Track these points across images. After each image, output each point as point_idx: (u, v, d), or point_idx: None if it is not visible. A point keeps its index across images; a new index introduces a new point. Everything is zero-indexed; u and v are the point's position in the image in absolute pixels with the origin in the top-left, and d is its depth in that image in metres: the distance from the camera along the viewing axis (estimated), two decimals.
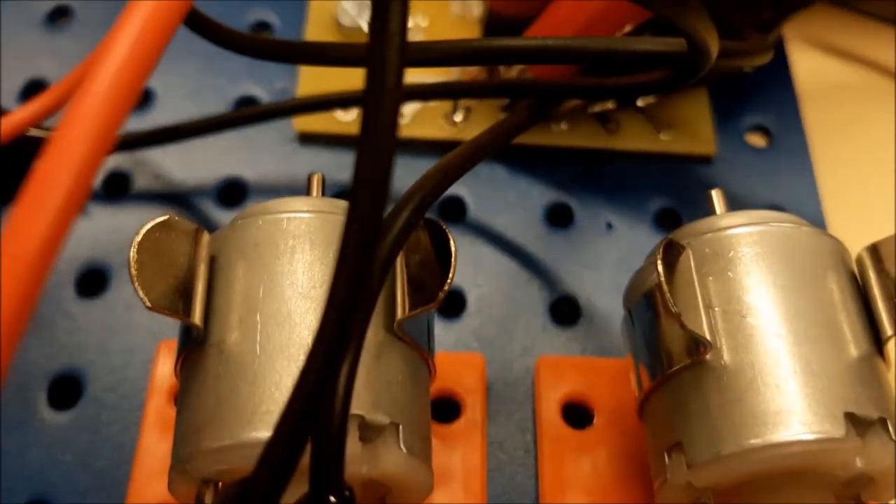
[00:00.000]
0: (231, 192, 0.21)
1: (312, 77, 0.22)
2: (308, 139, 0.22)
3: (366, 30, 0.22)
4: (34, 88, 0.22)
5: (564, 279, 0.20)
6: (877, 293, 0.15)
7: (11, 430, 0.17)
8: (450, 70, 0.22)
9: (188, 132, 0.20)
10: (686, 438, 0.14)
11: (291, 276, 0.14)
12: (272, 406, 0.13)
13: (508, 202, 0.21)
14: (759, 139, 0.23)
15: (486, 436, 0.18)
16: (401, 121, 0.22)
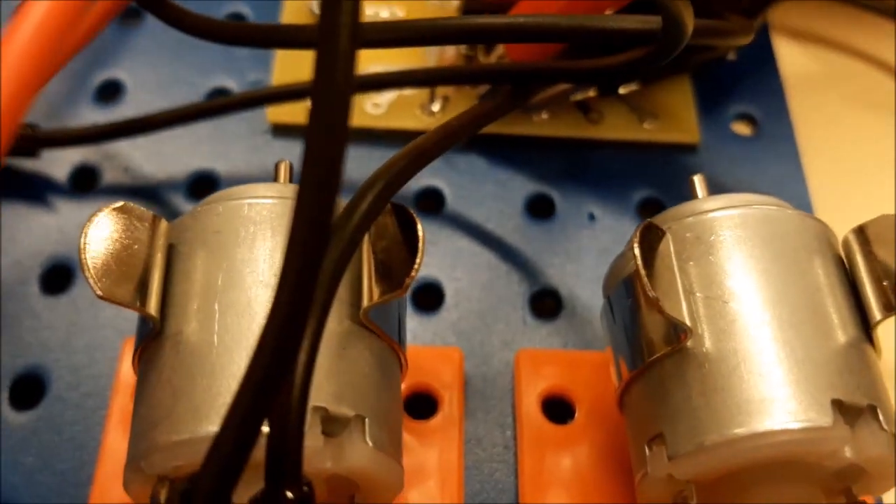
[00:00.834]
0: (202, 186, 0.21)
1: (287, 67, 0.22)
2: (282, 130, 0.21)
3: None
4: None
5: (545, 271, 0.20)
6: (864, 276, 0.14)
7: None
8: (426, 58, 0.21)
9: (158, 124, 0.20)
10: (667, 429, 0.13)
11: (252, 264, 0.13)
12: (230, 399, 0.12)
13: (487, 193, 0.21)
14: (745, 128, 0.23)
15: (465, 432, 0.17)
16: (376, 111, 0.21)
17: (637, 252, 0.13)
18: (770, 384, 0.13)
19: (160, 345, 0.13)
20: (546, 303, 0.19)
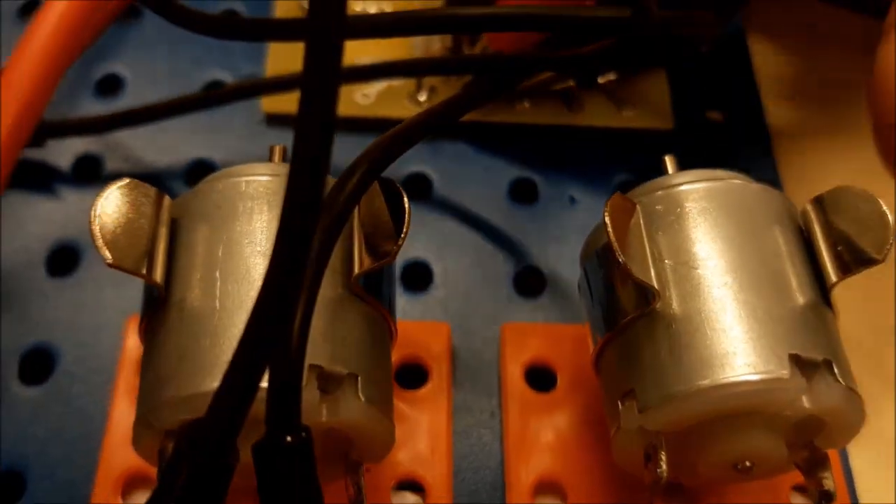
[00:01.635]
0: (200, 174, 0.21)
1: (281, 58, 0.23)
2: (277, 120, 0.22)
3: None
4: None
5: (529, 252, 0.21)
6: (821, 242, 0.15)
7: None
8: (413, 49, 0.22)
9: (157, 113, 0.21)
10: (638, 386, 0.14)
11: (250, 236, 0.14)
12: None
13: (473, 178, 0.22)
14: (717, 115, 0.24)
15: (453, 401, 0.18)
16: (365, 101, 0.22)
17: (608, 221, 0.14)
18: (731, 340, 0.14)
19: (166, 311, 0.14)
20: (530, 281, 0.20)
